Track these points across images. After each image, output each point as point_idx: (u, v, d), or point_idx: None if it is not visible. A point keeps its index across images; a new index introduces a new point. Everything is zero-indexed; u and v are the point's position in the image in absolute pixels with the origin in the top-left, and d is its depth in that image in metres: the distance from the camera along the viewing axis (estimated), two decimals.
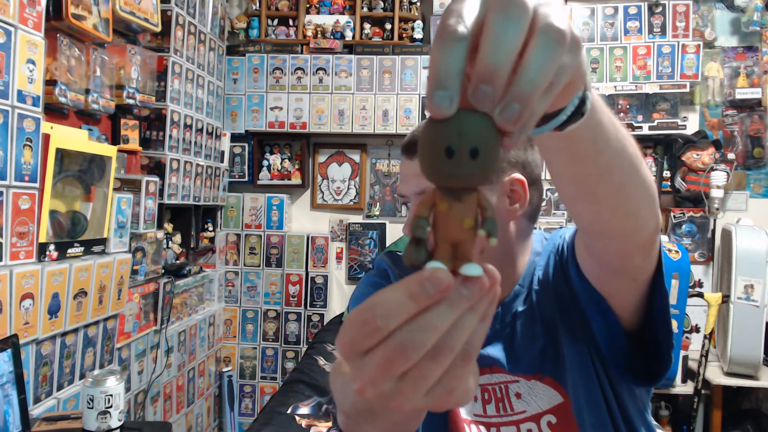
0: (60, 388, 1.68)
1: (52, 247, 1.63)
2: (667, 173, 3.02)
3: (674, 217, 3.00)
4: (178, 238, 2.70)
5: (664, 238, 2.62)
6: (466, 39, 0.32)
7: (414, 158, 0.86)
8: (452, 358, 0.33)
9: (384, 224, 3.26)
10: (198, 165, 2.72)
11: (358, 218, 3.31)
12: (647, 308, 0.77)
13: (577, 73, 0.42)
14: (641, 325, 0.79)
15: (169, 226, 2.64)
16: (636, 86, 3.01)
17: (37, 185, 1.57)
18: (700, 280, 3.01)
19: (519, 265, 0.91)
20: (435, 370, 0.33)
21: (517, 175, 0.86)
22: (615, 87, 3.02)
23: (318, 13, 3.26)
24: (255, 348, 3.25)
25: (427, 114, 0.34)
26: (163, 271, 2.39)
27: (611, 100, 3.07)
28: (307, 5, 3.27)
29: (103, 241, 1.85)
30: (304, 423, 2.13)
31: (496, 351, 0.87)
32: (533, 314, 0.87)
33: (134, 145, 2.19)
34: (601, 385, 0.83)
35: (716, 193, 2.89)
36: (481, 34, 0.32)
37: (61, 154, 1.68)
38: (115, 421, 1.35)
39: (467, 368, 0.35)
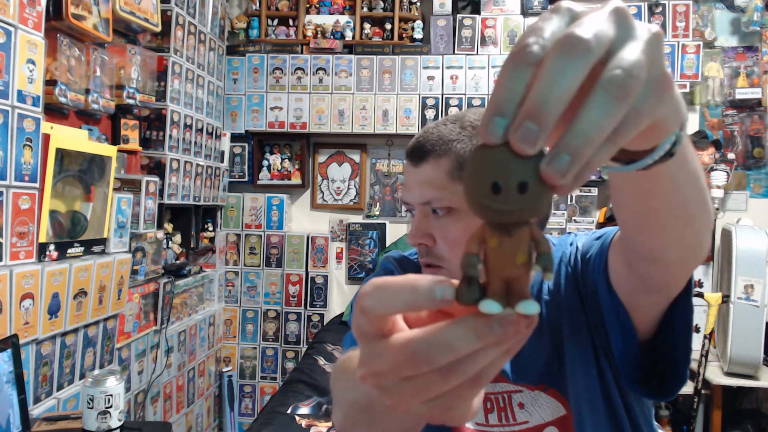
0: (60, 388, 1.68)
1: (52, 247, 1.63)
2: None
3: None
4: (178, 238, 2.70)
5: None
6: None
7: (419, 165, 0.82)
8: (462, 380, 0.33)
9: (384, 224, 3.26)
10: (198, 165, 2.72)
11: (358, 218, 3.31)
12: (668, 323, 0.75)
13: (664, 118, 0.38)
14: (658, 340, 0.77)
15: (169, 226, 2.64)
16: None
17: (37, 185, 1.57)
18: (700, 280, 3.01)
19: None
20: (441, 386, 0.33)
21: None
22: None
23: (318, 13, 3.26)
24: (255, 348, 3.25)
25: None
26: (163, 271, 2.39)
27: None
28: (307, 5, 3.27)
29: (103, 241, 1.86)
30: (304, 423, 2.14)
31: None
32: (541, 325, 0.85)
33: (134, 145, 2.19)
34: (610, 397, 0.82)
35: (716, 193, 2.89)
36: (540, 66, 0.29)
37: (61, 154, 1.68)
38: (115, 421, 1.35)
39: (474, 392, 0.34)
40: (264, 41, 3.24)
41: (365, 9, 3.20)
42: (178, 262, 2.68)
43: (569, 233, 0.94)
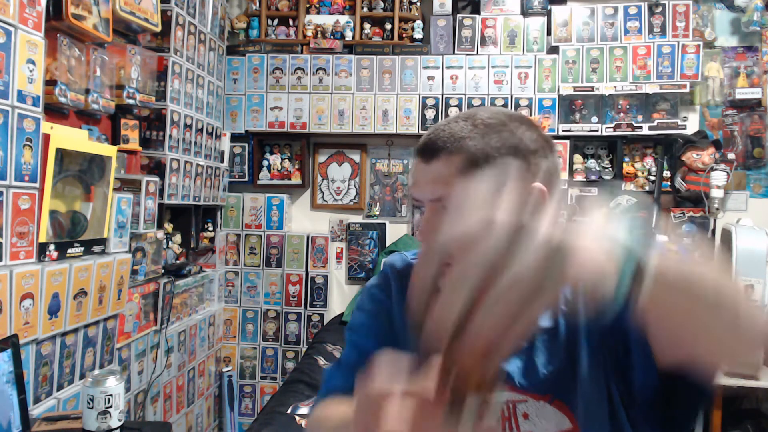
0: (60, 388, 1.68)
1: (52, 247, 1.63)
2: (667, 173, 3.02)
3: (674, 217, 3.00)
4: (178, 238, 2.70)
5: (664, 238, 2.62)
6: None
7: (430, 162, 0.82)
8: None
9: (384, 224, 3.26)
10: (198, 165, 2.72)
11: (358, 218, 3.31)
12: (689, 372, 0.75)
13: (593, 284, 0.45)
14: (678, 378, 0.77)
15: (169, 226, 2.64)
16: (636, 86, 3.01)
17: (37, 185, 1.57)
18: None
19: None
20: None
21: (539, 185, 0.81)
22: (615, 87, 3.02)
23: (318, 13, 3.26)
24: (255, 348, 3.25)
25: None
26: (163, 271, 2.39)
27: (612, 100, 3.08)
28: (307, 5, 3.27)
29: (103, 241, 1.85)
30: (304, 423, 2.13)
31: (509, 365, 0.85)
32: (557, 335, 0.85)
33: (134, 145, 2.19)
34: (617, 417, 0.82)
35: (716, 193, 2.89)
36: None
37: (61, 154, 1.68)
38: (115, 421, 1.35)
39: None
40: (264, 41, 3.24)
41: (365, 9, 3.20)
42: (178, 262, 2.68)
43: None
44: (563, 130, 3.07)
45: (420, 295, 0.43)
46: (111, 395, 1.34)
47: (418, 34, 3.17)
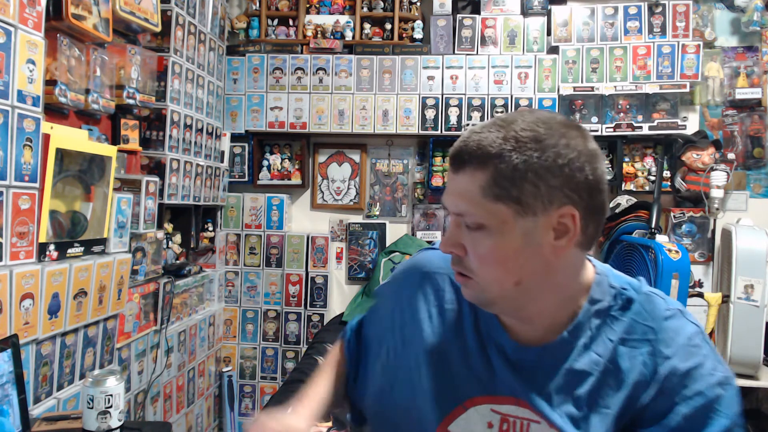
0: (60, 388, 1.68)
1: (52, 247, 1.63)
2: (667, 173, 3.02)
3: (674, 217, 3.00)
4: (178, 238, 2.70)
5: (664, 238, 2.62)
6: None
7: (457, 173, 0.81)
8: None
9: (384, 224, 3.26)
10: (198, 165, 2.72)
11: (358, 218, 3.31)
12: None
13: None
14: None
15: (169, 226, 2.64)
16: (636, 86, 3.01)
17: (37, 185, 1.57)
18: (700, 280, 3.01)
19: (563, 306, 0.85)
20: None
21: (569, 209, 0.77)
22: (615, 87, 3.02)
23: (318, 13, 3.26)
24: (255, 348, 3.25)
25: None
26: (163, 271, 2.39)
27: (612, 100, 3.08)
28: (307, 5, 3.27)
29: (103, 241, 1.86)
30: None
31: (531, 388, 0.85)
32: (588, 381, 0.84)
33: (134, 145, 2.19)
34: None
35: (716, 193, 2.89)
36: None
37: (61, 154, 1.68)
38: (115, 421, 1.35)
39: None
40: (264, 41, 3.24)
41: (365, 9, 3.20)
42: (178, 262, 2.68)
43: (663, 299, 0.88)
44: None
45: None
46: (111, 395, 1.34)
47: (418, 34, 3.17)
